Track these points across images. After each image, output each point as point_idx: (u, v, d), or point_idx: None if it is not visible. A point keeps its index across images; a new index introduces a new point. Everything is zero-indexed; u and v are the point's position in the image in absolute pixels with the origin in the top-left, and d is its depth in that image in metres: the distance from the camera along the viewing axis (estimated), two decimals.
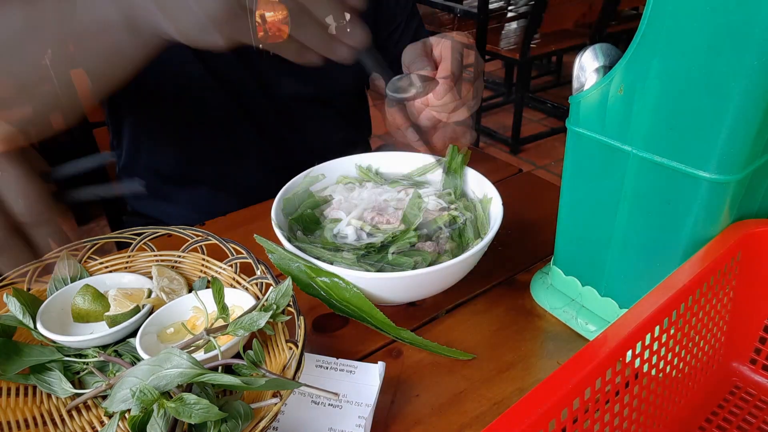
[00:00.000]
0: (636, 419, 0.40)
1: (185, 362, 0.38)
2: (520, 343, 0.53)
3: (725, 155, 0.39)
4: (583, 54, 0.47)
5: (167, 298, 0.53)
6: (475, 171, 0.65)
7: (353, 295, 0.50)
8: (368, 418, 0.45)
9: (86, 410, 0.46)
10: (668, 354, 0.40)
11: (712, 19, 0.36)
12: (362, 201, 0.62)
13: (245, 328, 0.44)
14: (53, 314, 0.50)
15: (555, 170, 2.65)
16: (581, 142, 0.47)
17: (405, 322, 0.54)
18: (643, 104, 0.42)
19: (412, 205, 0.55)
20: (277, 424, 0.45)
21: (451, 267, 0.50)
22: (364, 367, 0.49)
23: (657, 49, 0.39)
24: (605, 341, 0.34)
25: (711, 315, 0.44)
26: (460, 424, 0.46)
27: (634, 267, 0.48)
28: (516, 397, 0.47)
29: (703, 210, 0.42)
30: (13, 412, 0.44)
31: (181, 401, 0.37)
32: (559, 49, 2.67)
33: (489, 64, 3.81)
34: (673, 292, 0.38)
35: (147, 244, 0.59)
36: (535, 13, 2.38)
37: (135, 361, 0.47)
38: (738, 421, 0.45)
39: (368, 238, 0.57)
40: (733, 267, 0.44)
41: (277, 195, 0.61)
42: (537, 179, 0.83)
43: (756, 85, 0.36)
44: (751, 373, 0.48)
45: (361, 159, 0.69)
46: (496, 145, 2.93)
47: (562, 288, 0.56)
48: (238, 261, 0.55)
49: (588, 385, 0.33)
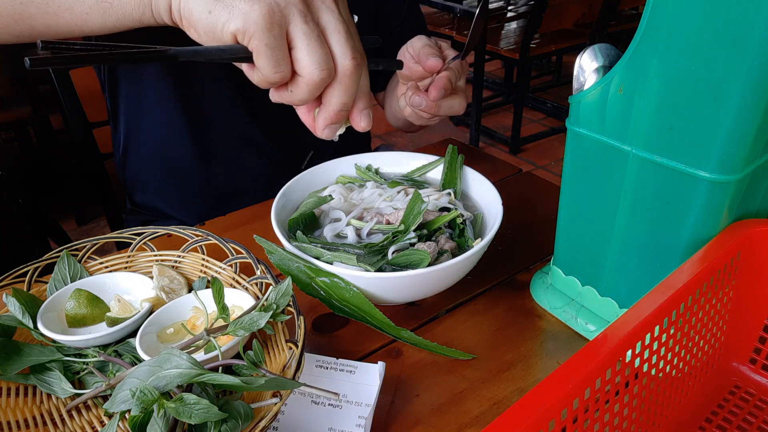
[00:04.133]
0: (636, 419, 0.40)
1: (185, 363, 0.38)
2: (520, 343, 0.53)
3: (725, 155, 0.39)
4: (583, 54, 0.47)
5: (167, 297, 0.53)
6: (475, 171, 0.65)
7: (353, 295, 0.50)
8: (368, 418, 0.45)
9: (86, 410, 0.46)
10: (668, 354, 0.40)
11: (712, 19, 0.36)
12: (362, 201, 0.62)
13: (245, 328, 0.44)
14: (53, 314, 0.50)
15: (555, 170, 2.65)
16: (581, 142, 0.47)
17: (405, 322, 0.54)
18: (642, 104, 0.42)
19: (412, 205, 0.55)
20: (277, 424, 0.45)
21: (451, 267, 0.50)
22: (364, 367, 0.49)
23: (657, 49, 0.39)
24: (605, 341, 0.34)
25: (711, 315, 0.44)
26: (460, 424, 0.46)
27: (634, 267, 0.48)
28: (516, 397, 0.47)
29: (703, 210, 0.42)
30: (13, 412, 0.44)
31: (181, 401, 0.37)
32: (559, 49, 2.67)
33: (489, 64, 3.81)
34: (673, 292, 0.38)
35: (147, 244, 0.59)
36: (535, 13, 2.38)
37: (135, 361, 0.47)
38: (738, 421, 0.45)
39: (368, 238, 0.57)
40: (733, 267, 0.44)
41: (277, 194, 0.61)
42: (537, 179, 0.83)
43: (756, 85, 0.36)
44: (751, 373, 0.48)
45: (361, 159, 0.69)
46: (496, 145, 2.93)
47: (562, 288, 0.56)
48: (238, 261, 0.55)
49: (588, 385, 0.33)
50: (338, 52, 0.46)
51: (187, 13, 0.46)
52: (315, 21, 0.45)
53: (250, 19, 0.43)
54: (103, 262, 0.57)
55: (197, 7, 0.45)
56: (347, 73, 0.46)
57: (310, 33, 0.44)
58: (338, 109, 0.48)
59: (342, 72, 0.46)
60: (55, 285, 0.53)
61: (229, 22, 0.43)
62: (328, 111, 0.48)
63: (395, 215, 0.58)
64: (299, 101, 0.47)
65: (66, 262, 0.55)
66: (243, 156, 0.86)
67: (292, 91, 0.47)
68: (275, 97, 0.49)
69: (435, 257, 0.54)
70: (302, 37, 0.44)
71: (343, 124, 0.51)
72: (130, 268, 0.58)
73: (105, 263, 0.57)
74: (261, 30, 0.43)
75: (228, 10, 0.44)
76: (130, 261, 0.58)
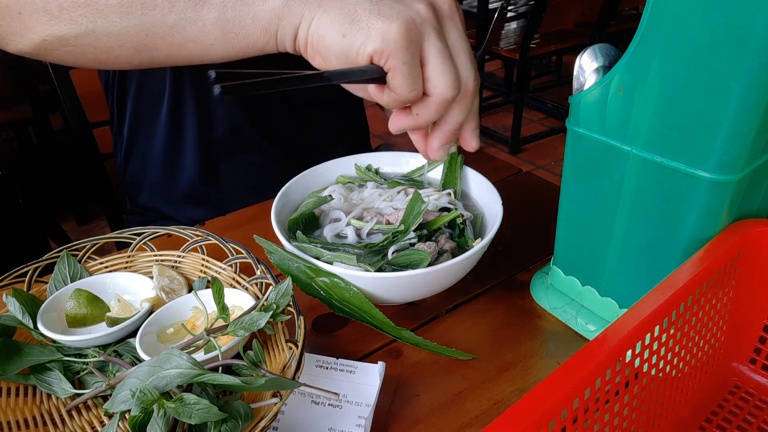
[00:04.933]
0: (636, 419, 0.40)
1: (185, 363, 0.38)
2: (520, 343, 0.53)
3: (725, 155, 0.39)
4: (583, 54, 0.47)
5: (167, 297, 0.53)
6: (475, 171, 0.65)
7: (353, 295, 0.50)
8: (368, 418, 0.45)
9: (86, 410, 0.46)
10: (668, 354, 0.40)
11: (712, 19, 0.36)
12: (362, 201, 0.62)
13: (245, 328, 0.44)
14: (53, 314, 0.50)
15: (555, 170, 2.65)
16: (581, 142, 0.47)
17: (405, 322, 0.54)
18: (642, 104, 0.42)
19: (412, 205, 0.55)
20: (277, 424, 0.45)
21: (451, 267, 0.50)
22: (364, 367, 0.49)
23: (657, 49, 0.39)
24: (605, 341, 0.34)
25: (711, 315, 0.44)
26: (460, 424, 0.46)
27: (634, 267, 0.48)
28: (516, 397, 0.47)
29: (703, 210, 0.42)
30: (13, 412, 0.44)
31: (181, 401, 0.37)
32: (559, 49, 2.67)
33: (489, 64, 3.81)
34: (673, 292, 0.38)
35: (147, 244, 0.59)
36: (535, 13, 2.38)
37: (135, 361, 0.47)
38: (738, 421, 0.45)
39: (368, 238, 0.57)
40: (733, 267, 0.44)
41: (277, 194, 0.61)
42: (537, 179, 0.83)
43: (756, 85, 0.36)
44: (751, 373, 0.48)
45: (361, 159, 0.69)
46: (496, 145, 2.93)
47: (562, 288, 0.56)
48: (238, 261, 0.55)
49: (588, 385, 0.33)
50: (464, 72, 0.46)
51: (317, 39, 0.46)
52: (445, 38, 0.45)
53: (389, 38, 0.42)
54: (103, 262, 0.57)
55: (329, 31, 0.45)
56: (469, 94, 0.46)
57: (443, 51, 0.44)
58: (455, 129, 0.48)
59: (464, 92, 0.46)
60: (55, 285, 0.53)
61: (366, 43, 0.43)
62: (445, 130, 0.48)
63: (395, 215, 0.58)
64: (425, 122, 0.47)
65: (66, 262, 0.55)
66: (246, 157, 0.86)
67: (419, 114, 0.46)
68: (398, 125, 0.48)
69: (435, 257, 0.54)
70: (436, 56, 0.44)
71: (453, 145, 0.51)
72: (130, 268, 0.58)
73: (105, 263, 0.57)
74: (399, 48, 0.42)
75: (364, 32, 0.43)
76: (130, 261, 0.58)
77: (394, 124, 0.47)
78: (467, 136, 0.49)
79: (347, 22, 0.44)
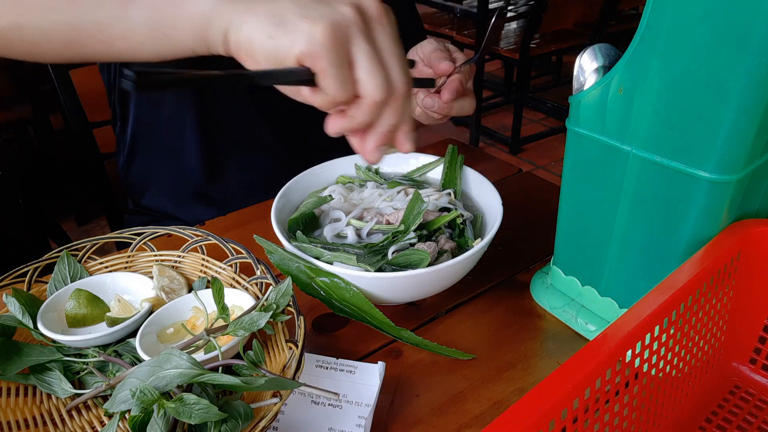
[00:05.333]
0: (636, 419, 0.40)
1: (185, 363, 0.38)
2: (520, 343, 0.53)
3: (725, 155, 0.39)
4: (583, 54, 0.47)
5: (167, 297, 0.53)
6: (475, 171, 0.65)
7: (353, 295, 0.50)
8: (368, 418, 0.45)
9: (86, 410, 0.46)
10: (668, 354, 0.40)
11: (712, 19, 0.36)
12: (362, 201, 0.62)
13: (245, 328, 0.44)
14: (53, 314, 0.50)
15: (555, 170, 2.64)
16: (581, 142, 0.47)
17: (405, 322, 0.54)
18: (642, 104, 0.42)
19: (412, 205, 0.55)
20: (277, 424, 0.45)
21: (451, 267, 0.50)
22: (364, 367, 0.49)
23: (657, 49, 0.39)
24: (605, 341, 0.34)
25: (711, 315, 0.44)
26: (460, 424, 0.46)
27: (634, 267, 0.48)
28: (516, 397, 0.47)
29: (703, 210, 0.42)
30: (13, 412, 0.44)
31: (181, 401, 0.37)
32: (559, 49, 2.67)
33: (489, 64, 3.81)
34: (673, 292, 0.38)
35: (147, 244, 0.59)
36: (535, 13, 2.38)
37: (135, 361, 0.47)
38: (738, 421, 0.45)
39: (368, 238, 0.57)
40: (733, 267, 0.44)
41: (277, 194, 0.61)
42: (537, 179, 0.83)
43: (756, 85, 0.36)
44: (751, 373, 0.48)
45: (361, 159, 0.69)
46: (496, 145, 2.93)
47: (562, 288, 0.56)
48: (238, 261, 0.55)
49: (588, 385, 0.33)
50: (394, 74, 0.46)
51: (246, 43, 0.46)
52: (373, 40, 0.45)
53: (315, 40, 0.42)
54: (103, 262, 0.57)
55: (256, 34, 0.45)
56: (399, 96, 0.46)
57: (371, 53, 0.44)
58: (388, 131, 0.48)
59: (395, 94, 0.46)
60: (55, 285, 0.53)
61: (293, 45, 0.43)
62: (378, 132, 0.48)
63: (395, 215, 0.58)
64: (360, 124, 0.47)
65: (66, 262, 0.55)
66: (252, 156, 0.86)
67: (354, 115, 0.46)
68: (336, 127, 0.48)
69: (435, 257, 0.54)
70: (364, 58, 0.44)
71: (390, 147, 0.51)
72: (130, 268, 0.58)
73: (105, 263, 0.57)
74: (325, 50, 0.42)
75: (291, 35, 0.43)
76: (130, 261, 0.58)
77: (331, 126, 0.48)
78: (401, 138, 0.50)
79: (273, 24, 0.44)
